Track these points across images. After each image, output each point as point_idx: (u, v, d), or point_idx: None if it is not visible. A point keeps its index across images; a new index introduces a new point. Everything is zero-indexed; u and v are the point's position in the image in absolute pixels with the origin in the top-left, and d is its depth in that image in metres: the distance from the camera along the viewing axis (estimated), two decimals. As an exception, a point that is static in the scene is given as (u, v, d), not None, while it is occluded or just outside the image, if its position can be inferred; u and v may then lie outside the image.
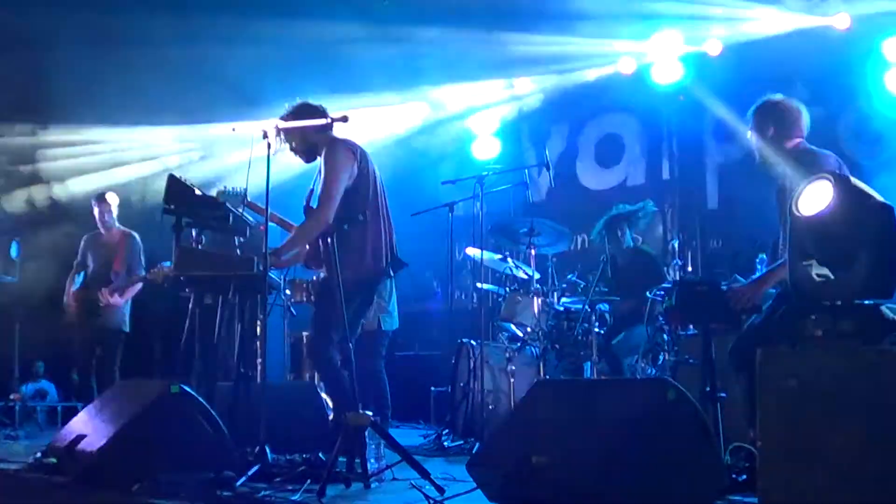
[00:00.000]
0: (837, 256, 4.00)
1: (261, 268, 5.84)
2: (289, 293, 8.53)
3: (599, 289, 8.29)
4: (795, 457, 3.55)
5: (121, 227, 9.09)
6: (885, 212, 3.95)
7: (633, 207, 8.71)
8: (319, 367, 6.51)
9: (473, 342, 8.53)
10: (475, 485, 4.81)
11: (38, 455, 5.97)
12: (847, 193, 4.02)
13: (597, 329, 8.07)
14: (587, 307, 8.03)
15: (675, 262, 7.74)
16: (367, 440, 5.46)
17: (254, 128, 5.85)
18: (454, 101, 12.52)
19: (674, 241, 7.85)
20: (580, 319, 8.05)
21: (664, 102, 10.86)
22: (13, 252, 10.31)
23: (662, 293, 6.92)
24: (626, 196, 10.95)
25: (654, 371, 7.34)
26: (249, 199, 6.49)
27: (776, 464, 3.63)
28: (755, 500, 3.77)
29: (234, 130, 6.21)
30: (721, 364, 5.58)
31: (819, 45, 9.32)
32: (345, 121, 5.91)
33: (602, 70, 11.20)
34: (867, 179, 4.20)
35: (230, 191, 6.51)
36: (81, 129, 11.63)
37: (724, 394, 5.49)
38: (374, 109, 11.80)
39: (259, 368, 6.49)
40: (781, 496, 3.58)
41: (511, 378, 8.22)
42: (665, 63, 10.58)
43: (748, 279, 5.64)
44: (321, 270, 6.41)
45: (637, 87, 10.93)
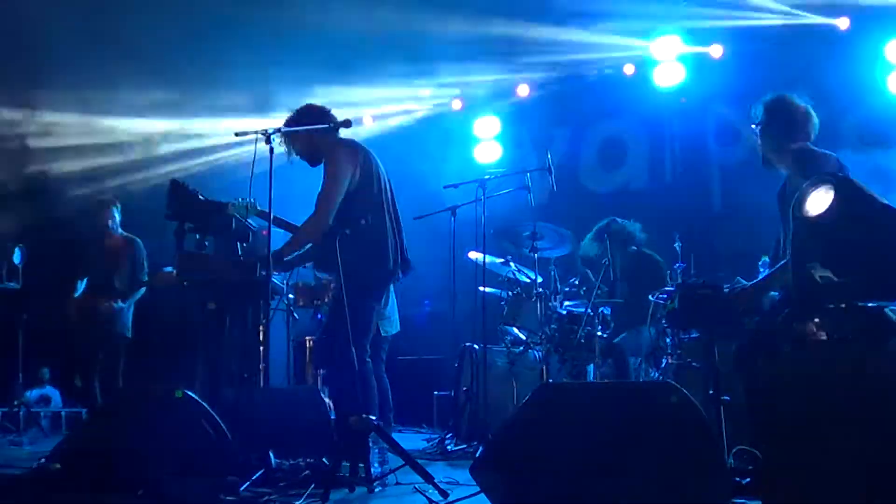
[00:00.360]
0: (840, 259, 4.00)
1: (263, 272, 5.84)
2: (292, 297, 8.53)
3: (602, 291, 8.29)
4: (799, 460, 3.55)
5: (123, 233, 9.10)
6: (888, 214, 3.95)
7: (620, 225, 8.74)
8: (328, 371, 6.50)
9: (476, 346, 8.52)
10: (479, 489, 4.81)
11: (42, 461, 5.95)
12: (849, 196, 4.02)
13: (599, 332, 8.07)
14: (590, 310, 8.02)
15: (678, 265, 7.73)
16: (371, 444, 5.47)
17: (256, 132, 5.84)
18: (455, 105, 12.56)
19: (676, 244, 7.82)
20: (583, 322, 8.04)
21: (666, 105, 10.87)
22: (16, 258, 10.30)
23: (665, 296, 6.92)
24: (629, 199, 10.98)
25: (657, 374, 7.33)
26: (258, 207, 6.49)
27: (780, 467, 3.62)
28: (759, 504, 3.77)
29: (237, 135, 6.20)
30: (724, 367, 5.57)
31: (821, 48, 9.32)
32: (347, 125, 5.92)
33: (604, 73, 11.21)
34: (869, 181, 4.20)
35: (241, 202, 6.50)
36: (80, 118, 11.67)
37: (728, 397, 5.49)
38: (378, 112, 11.84)
39: (262, 373, 6.49)
40: (785, 499, 3.58)
41: (514, 382, 8.22)
42: (667, 65, 10.59)
43: (751, 282, 5.63)
44: (330, 273, 6.40)
45: (639, 90, 10.94)
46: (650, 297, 7.27)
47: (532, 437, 4.69)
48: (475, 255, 8.57)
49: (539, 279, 8.46)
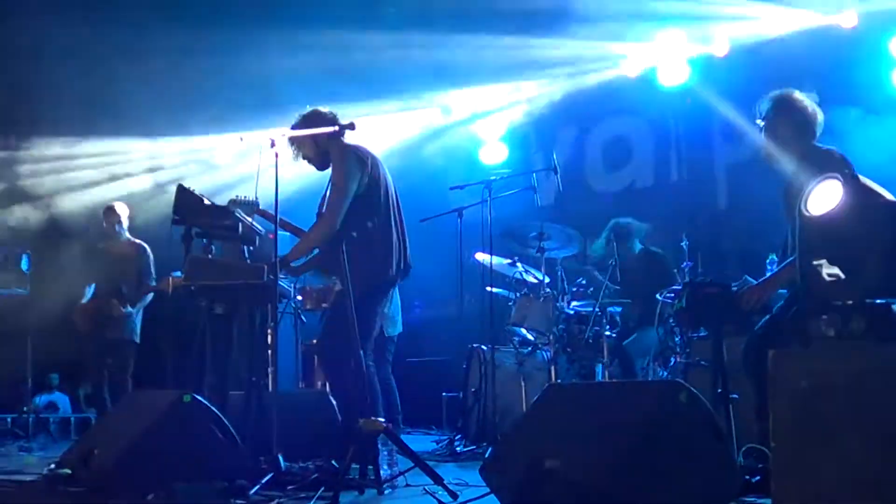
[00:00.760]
0: (848, 256, 3.99)
1: (271, 276, 5.85)
2: (300, 300, 8.54)
3: (609, 291, 8.29)
4: (808, 458, 3.54)
5: (131, 238, 9.11)
6: (895, 210, 3.94)
7: (625, 222, 8.75)
8: (332, 373, 6.50)
9: (484, 347, 8.53)
10: (488, 490, 4.82)
11: (52, 466, 5.96)
12: (856, 192, 4.01)
13: (608, 332, 8.07)
14: (598, 310, 8.03)
15: (685, 264, 7.73)
16: (380, 446, 5.47)
17: (262, 136, 5.85)
18: (462, 106, 12.55)
19: (683, 243, 7.82)
20: (591, 322, 8.05)
21: (671, 104, 10.85)
22: (24, 265, 10.33)
23: (673, 295, 6.92)
24: (635, 198, 10.97)
25: (666, 373, 7.33)
26: (261, 208, 6.51)
27: (789, 465, 3.62)
28: (769, 502, 3.76)
29: (242, 140, 6.21)
30: (733, 365, 5.57)
31: (826, 44, 9.30)
32: (352, 128, 5.91)
33: (608, 73, 11.20)
34: (876, 178, 4.19)
35: (242, 199, 6.52)
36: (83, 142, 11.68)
37: (737, 395, 5.49)
38: (383, 115, 11.83)
39: (270, 377, 6.49)
40: (795, 497, 3.58)
41: (522, 382, 8.22)
42: (671, 64, 10.58)
43: (758, 280, 5.63)
44: (335, 278, 6.40)
45: (644, 89, 10.92)
46: (658, 297, 7.27)
47: (541, 438, 4.69)
48: (482, 257, 8.58)
49: (546, 280, 8.47)
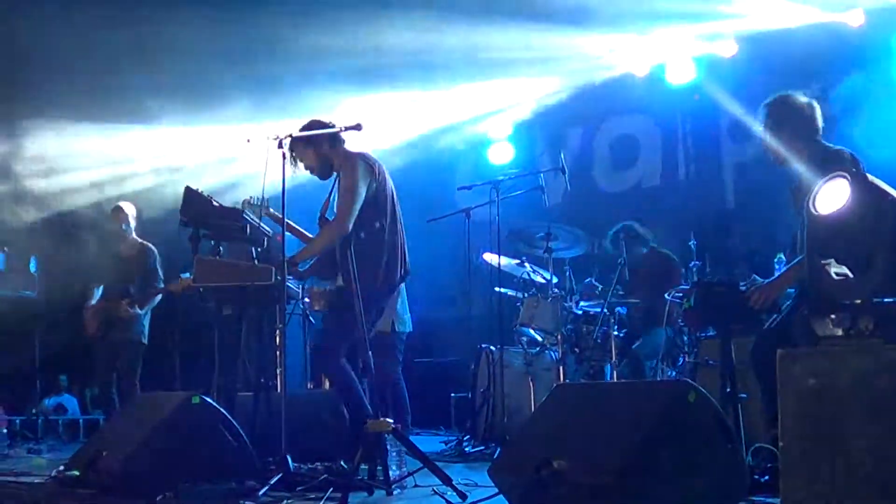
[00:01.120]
0: (856, 255, 3.98)
1: (279, 277, 5.85)
2: (307, 302, 8.54)
3: (617, 291, 8.27)
4: (817, 457, 3.54)
5: (138, 239, 9.11)
6: (904, 209, 3.93)
7: (633, 229, 8.73)
8: (331, 376, 6.51)
9: (493, 347, 8.52)
10: (497, 490, 4.81)
11: (61, 468, 5.98)
12: (864, 191, 4.00)
13: (616, 332, 8.06)
14: (606, 310, 8.02)
15: (693, 263, 7.72)
16: (389, 447, 5.48)
17: (268, 137, 5.85)
18: (469, 106, 12.54)
19: (691, 242, 7.81)
20: (599, 322, 8.04)
21: (678, 102, 10.85)
22: (32, 267, 10.35)
23: (681, 295, 6.92)
24: (643, 197, 10.97)
25: (674, 373, 7.32)
26: (271, 209, 6.51)
27: (798, 464, 3.61)
28: (778, 501, 3.76)
29: (249, 141, 6.21)
30: (741, 365, 5.57)
31: (833, 42, 9.28)
32: (358, 129, 5.90)
33: (615, 71, 11.18)
34: (883, 176, 4.18)
35: (255, 200, 6.52)
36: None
37: (745, 395, 5.48)
38: (390, 116, 11.83)
39: (278, 378, 6.50)
40: (804, 497, 3.57)
41: (531, 382, 8.21)
42: (678, 63, 10.57)
43: (766, 279, 5.62)
44: (333, 281, 6.40)
45: (651, 88, 10.92)
46: (666, 296, 7.26)
47: (550, 438, 4.69)
48: (490, 257, 8.57)
49: (554, 280, 8.46)
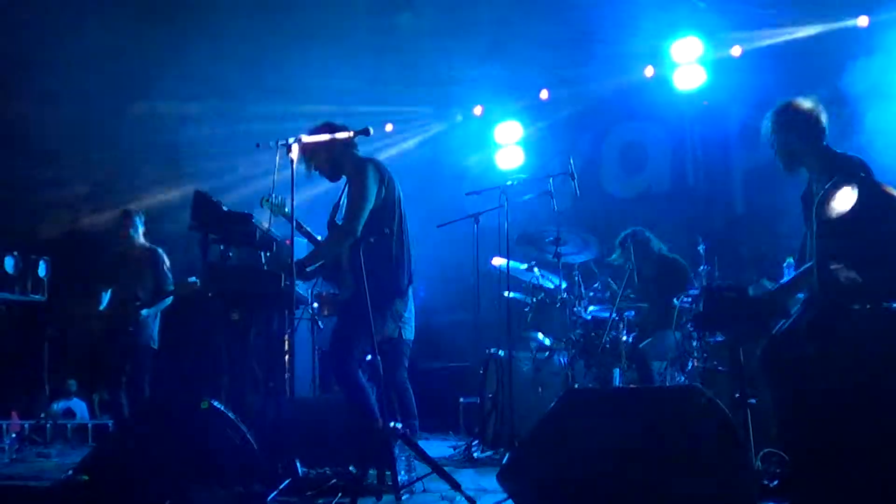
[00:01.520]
0: (865, 259, 3.98)
1: (288, 282, 5.85)
2: (316, 307, 8.54)
3: (627, 296, 8.26)
4: (826, 461, 3.53)
5: (146, 243, 9.11)
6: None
7: (642, 235, 8.73)
8: (342, 380, 6.51)
9: (501, 352, 8.51)
10: (506, 495, 4.81)
11: (70, 472, 5.99)
12: (872, 196, 4.00)
13: (625, 337, 8.05)
14: (615, 315, 8.00)
15: (702, 268, 7.70)
16: (397, 452, 5.47)
17: (279, 142, 5.85)
18: (477, 111, 12.57)
19: (700, 247, 7.79)
20: (608, 327, 8.02)
21: (687, 108, 10.83)
22: (41, 271, 10.37)
23: (690, 299, 6.90)
24: (652, 203, 10.95)
25: (684, 378, 7.30)
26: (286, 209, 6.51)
27: (807, 469, 3.61)
28: (787, 506, 3.76)
29: (258, 146, 6.21)
30: (750, 370, 5.55)
31: (841, 47, 9.27)
32: (367, 133, 5.92)
33: (624, 77, 11.18)
34: (892, 182, 4.18)
35: (274, 199, 6.52)
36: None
37: (754, 400, 5.47)
38: (399, 120, 11.86)
39: (287, 382, 6.50)
40: (813, 501, 3.56)
41: (540, 387, 8.21)
42: (687, 68, 10.56)
43: (776, 284, 5.60)
44: (337, 283, 6.39)
45: (660, 94, 10.90)
46: (675, 301, 7.25)
47: (559, 443, 4.69)
48: (499, 262, 8.57)
49: (563, 284, 8.45)
